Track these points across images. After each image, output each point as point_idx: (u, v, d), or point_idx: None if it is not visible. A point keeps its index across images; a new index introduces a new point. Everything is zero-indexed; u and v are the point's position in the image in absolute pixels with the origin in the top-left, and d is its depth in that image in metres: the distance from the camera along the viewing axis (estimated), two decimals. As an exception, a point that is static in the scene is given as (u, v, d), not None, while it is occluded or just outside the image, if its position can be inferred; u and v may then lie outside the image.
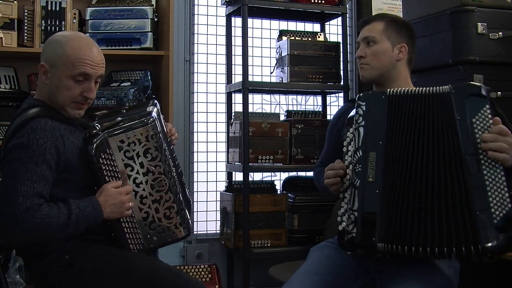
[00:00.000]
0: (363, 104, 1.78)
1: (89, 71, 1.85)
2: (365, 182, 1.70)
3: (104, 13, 2.87)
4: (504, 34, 2.63)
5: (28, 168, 1.72)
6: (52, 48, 1.88)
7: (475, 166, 1.62)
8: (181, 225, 1.99)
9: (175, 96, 3.22)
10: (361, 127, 1.75)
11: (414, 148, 1.69)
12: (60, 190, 1.81)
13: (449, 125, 1.68)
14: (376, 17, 2.10)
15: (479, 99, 1.68)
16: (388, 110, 1.75)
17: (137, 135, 1.90)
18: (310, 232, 3.13)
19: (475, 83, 1.71)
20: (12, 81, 2.88)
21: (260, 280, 3.29)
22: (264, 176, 3.50)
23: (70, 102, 1.87)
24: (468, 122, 1.66)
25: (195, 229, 3.38)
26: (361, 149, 1.73)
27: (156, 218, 1.95)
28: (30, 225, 1.68)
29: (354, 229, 1.69)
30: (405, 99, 1.76)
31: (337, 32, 3.70)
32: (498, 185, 1.60)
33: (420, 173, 1.67)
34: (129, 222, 1.91)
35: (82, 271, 1.83)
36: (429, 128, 1.70)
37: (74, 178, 1.85)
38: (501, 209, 1.58)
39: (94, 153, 1.85)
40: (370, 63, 2.04)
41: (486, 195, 1.59)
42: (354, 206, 1.70)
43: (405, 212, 1.65)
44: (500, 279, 2.61)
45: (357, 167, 1.73)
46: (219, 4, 3.44)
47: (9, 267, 2.55)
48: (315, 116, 3.26)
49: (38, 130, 1.77)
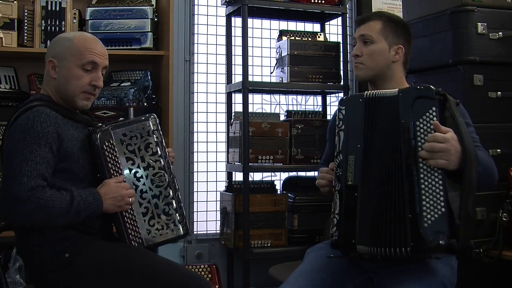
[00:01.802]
0: (343, 108, 1.81)
1: (96, 59, 1.94)
2: (345, 185, 1.74)
3: (104, 13, 2.87)
4: (504, 34, 2.63)
5: (31, 149, 1.77)
6: (60, 44, 1.97)
7: (413, 170, 1.65)
8: (179, 222, 2.02)
9: (175, 96, 3.22)
10: (341, 131, 1.79)
11: (377, 151, 1.73)
12: (56, 180, 1.83)
13: (395, 128, 1.70)
14: (374, 16, 2.08)
15: (427, 101, 1.68)
16: (365, 113, 1.77)
17: (139, 129, 1.99)
18: (310, 232, 3.12)
19: (429, 85, 1.70)
20: (12, 81, 2.88)
21: (260, 280, 3.29)
22: (264, 176, 3.50)
23: (80, 92, 1.93)
24: (411, 125, 1.68)
25: (195, 229, 3.38)
26: (342, 153, 1.77)
27: (155, 213, 1.99)
28: (33, 205, 1.72)
29: (336, 232, 1.74)
30: (379, 102, 1.77)
31: (337, 32, 3.70)
32: (434, 189, 1.63)
33: (380, 177, 1.71)
34: (129, 214, 1.95)
35: (82, 269, 1.83)
36: (384, 131, 1.73)
37: (71, 168, 1.88)
38: (433, 213, 1.61)
39: (99, 142, 1.92)
40: (365, 62, 2.04)
41: (420, 198, 1.63)
42: (336, 210, 1.75)
43: (377, 214, 1.69)
44: (500, 279, 2.61)
45: (337, 171, 1.77)
46: (219, 4, 3.44)
47: (9, 267, 2.56)
48: (315, 116, 3.26)
49: (43, 114, 1.83)
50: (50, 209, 1.74)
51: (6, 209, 1.75)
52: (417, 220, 1.62)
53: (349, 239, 1.71)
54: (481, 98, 2.61)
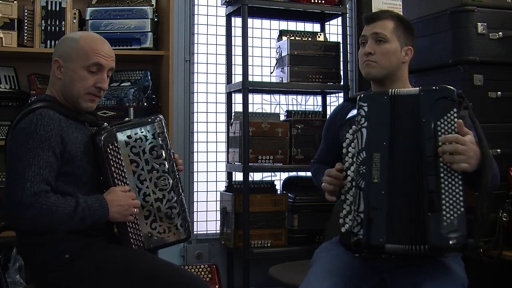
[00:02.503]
0: (365, 105, 1.77)
1: (102, 61, 1.92)
2: (370, 183, 1.70)
3: (104, 13, 2.87)
4: (504, 34, 2.63)
5: (35, 154, 1.76)
6: (66, 44, 1.95)
7: (433, 169, 1.66)
8: (181, 226, 2.01)
9: (175, 96, 3.22)
10: (363, 128, 1.75)
11: (401, 149, 1.72)
12: (60, 183, 1.82)
13: (416, 126, 1.70)
14: (385, 15, 2.05)
15: (448, 102, 1.69)
16: (391, 111, 1.76)
17: (144, 132, 1.96)
18: (310, 232, 3.13)
19: (449, 87, 1.71)
20: (12, 81, 2.88)
21: (260, 280, 3.29)
22: (264, 176, 3.50)
23: (84, 93, 1.92)
24: (432, 125, 1.68)
25: (195, 229, 3.38)
26: (365, 150, 1.73)
27: (157, 217, 1.97)
28: (36, 211, 1.71)
29: (360, 230, 1.69)
30: (403, 99, 1.77)
31: (337, 32, 3.70)
32: (454, 189, 1.63)
33: (403, 175, 1.70)
34: None
35: (82, 270, 1.83)
36: (406, 129, 1.73)
37: (75, 172, 1.86)
38: (452, 212, 1.62)
39: (103, 144, 1.89)
40: (379, 61, 2.01)
41: (440, 197, 1.63)
42: (359, 208, 1.70)
43: (400, 212, 1.69)
44: (500, 279, 2.62)
45: (361, 169, 1.72)
46: (219, 4, 3.44)
47: (9, 267, 2.56)
48: (315, 116, 3.26)
49: (46, 118, 1.82)
50: (53, 215, 1.73)
51: (9, 215, 1.75)
52: (436, 218, 1.62)
53: (377, 238, 1.68)
54: (481, 98, 2.61)
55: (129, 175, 1.94)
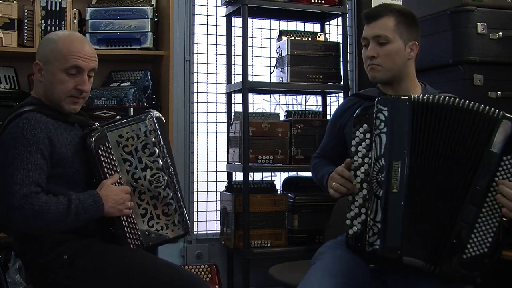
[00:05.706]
0: (384, 109, 1.68)
1: (80, 63, 1.87)
2: (389, 192, 1.65)
3: (104, 13, 2.87)
4: (504, 34, 2.63)
5: (23, 158, 1.73)
6: (45, 46, 1.91)
7: (478, 201, 1.62)
8: (179, 223, 2.00)
9: (175, 96, 3.22)
10: (383, 133, 1.67)
11: (434, 164, 1.66)
12: (52, 185, 1.81)
13: (475, 150, 1.63)
14: (385, 11, 1.95)
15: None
16: (413, 119, 1.68)
17: (135, 130, 1.94)
18: (310, 232, 3.12)
19: None
20: (12, 81, 2.88)
21: (260, 280, 3.29)
22: (264, 176, 3.50)
23: (65, 96, 1.88)
24: (496, 157, 1.62)
25: (195, 229, 3.38)
26: (384, 158, 1.66)
27: (154, 214, 1.97)
28: (28, 212, 1.68)
29: (377, 241, 1.65)
30: (431, 108, 1.69)
31: (337, 32, 3.70)
32: (488, 228, 1.61)
33: (434, 191, 1.66)
34: (128, 217, 1.92)
35: (82, 270, 1.83)
36: (453, 146, 1.66)
37: (67, 173, 1.85)
38: (476, 249, 1.61)
39: (94, 146, 1.87)
40: (383, 64, 1.94)
41: (471, 230, 1.61)
42: (377, 217, 1.65)
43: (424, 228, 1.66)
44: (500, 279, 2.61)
45: (379, 176, 1.66)
46: (219, 4, 3.44)
47: (9, 267, 2.56)
48: (315, 116, 3.26)
49: (33, 121, 1.79)
50: (46, 214, 1.70)
51: (2, 221, 1.72)
52: (459, 248, 1.61)
53: (394, 250, 1.64)
54: (481, 98, 2.60)
55: (122, 175, 1.92)
